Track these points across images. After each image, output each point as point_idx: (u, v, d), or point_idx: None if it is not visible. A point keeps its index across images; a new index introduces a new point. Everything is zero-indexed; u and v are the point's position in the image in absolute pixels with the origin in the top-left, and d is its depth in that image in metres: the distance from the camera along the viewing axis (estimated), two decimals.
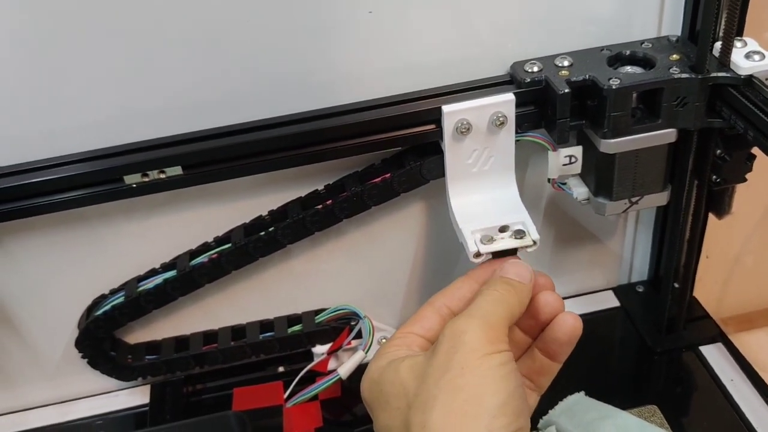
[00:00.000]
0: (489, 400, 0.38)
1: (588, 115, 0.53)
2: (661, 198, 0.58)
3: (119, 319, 0.59)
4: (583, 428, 0.51)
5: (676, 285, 0.64)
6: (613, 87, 0.50)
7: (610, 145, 0.53)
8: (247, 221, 0.59)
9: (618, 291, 0.71)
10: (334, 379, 0.61)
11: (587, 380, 0.64)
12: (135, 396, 0.66)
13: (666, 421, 0.55)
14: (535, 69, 0.53)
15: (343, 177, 0.58)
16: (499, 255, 0.52)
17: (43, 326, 0.62)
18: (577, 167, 0.56)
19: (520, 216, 0.54)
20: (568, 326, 0.45)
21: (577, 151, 0.55)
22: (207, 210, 0.58)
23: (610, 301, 0.71)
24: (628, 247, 0.70)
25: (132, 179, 0.51)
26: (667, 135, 0.54)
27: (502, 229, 0.53)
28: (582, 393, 0.55)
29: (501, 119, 0.52)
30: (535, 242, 0.52)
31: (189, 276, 0.58)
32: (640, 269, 0.71)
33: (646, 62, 0.53)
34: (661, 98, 0.51)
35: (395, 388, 0.42)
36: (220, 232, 0.59)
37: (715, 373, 0.62)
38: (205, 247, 0.59)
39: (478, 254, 0.52)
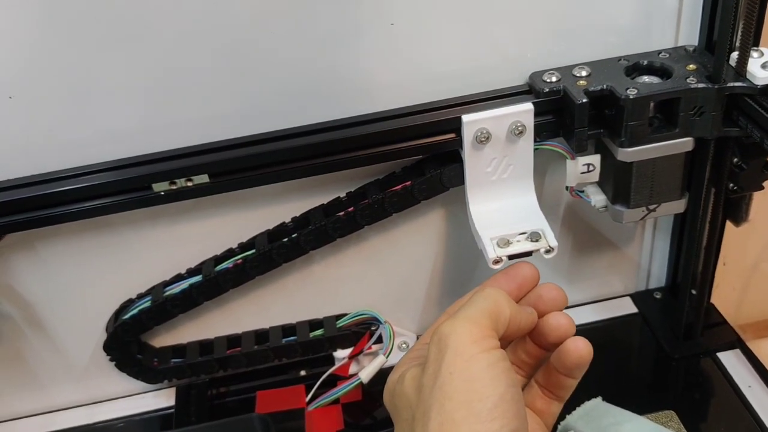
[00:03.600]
0: (478, 405, 0.37)
1: (606, 124, 0.54)
2: (679, 206, 0.58)
3: (146, 323, 0.60)
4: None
5: (694, 292, 0.65)
6: (631, 97, 0.51)
7: (628, 154, 0.54)
8: (271, 227, 0.60)
9: (636, 297, 0.72)
10: (355, 383, 0.63)
11: (605, 386, 0.63)
12: (160, 398, 0.68)
13: (683, 427, 0.56)
14: (554, 79, 0.54)
15: (365, 185, 0.59)
16: (515, 258, 0.53)
17: (72, 330, 0.64)
18: (595, 175, 0.57)
19: (538, 223, 0.55)
20: (574, 355, 0.44)
21: (594, 159, 0.56)
22: (231, 217, 0.60)
23: (627, 307, 0.71)
24: (646, 254, 0.71)
25: (160, 187, 0.53)
26: (684, 144, 0.54)
27: (521, 235, 0.54)
28: (599, 398, 0.56)
29: (520, 128, 0.53)
30: (551, 247, 0.54)
31: (214, 281, 0.59)
32: (657, 276, 0.72)
33: (663, 72, 0.54)
34: (678, 108, 0.52)
35: (402, 401, 0.42)
36: (245, 239, 0.60)
37: (732, 379, 0.62)
38: (229, 253, 0.60)
39: (497, 260, 0.53)
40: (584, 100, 0.52)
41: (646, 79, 0.54)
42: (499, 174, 0.56)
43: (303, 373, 0.69)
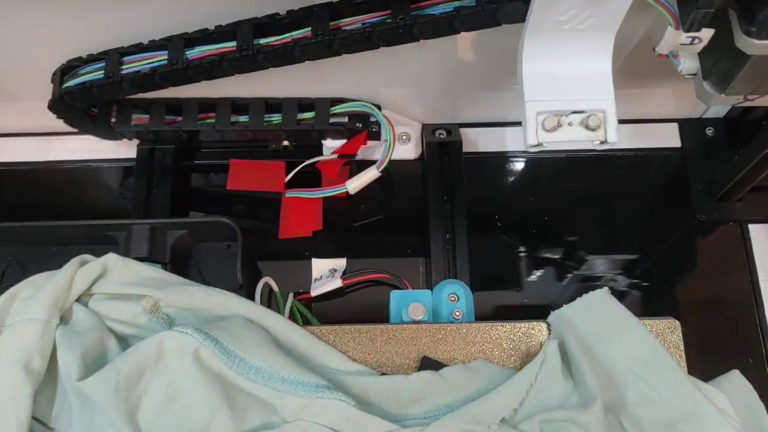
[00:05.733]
0: None
1: None
2: None
3: (97, 95, 0.49)
4: (593, 338, 0.47)
5: (763, 156, 0.54)
6: None
7: (753, 46, 0.39)
8: (260, 16, 0.45)
9: (684, 126, 0.61)
10: (339, 191, 0.55)
11: (610, 225, 0.58)
12: (121, 146, 0.59)
13: (683, 341, 0.51)
14: None
15: None
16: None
17: (13, 68, 0.52)
18: (698, 48, 0.42)
19: (604, 101, 0.43)
20: None
21: (706, 34, 0.41)
22: None
23: (672, 137, 0.61)
24: None
25: None
26: None
27: (576, 114, 0.42)
28: (605, 290, 0.49)
29: None
30: (609, 142, 0.42)
31: (182, 71, 0.47)
32: (716, 107, 0.60)
33: None
34: None
35: None
36: (224, 19, 0.46)
37: (754, 262, 0.56)
38: (204, 36, 0.46)
39: (536, 145, 0.42)
40: None
41: None
42: (573, 24, 0.41)
43: (286, 143, 0.59)
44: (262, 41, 0.45)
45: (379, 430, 0.42)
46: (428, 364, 0.46)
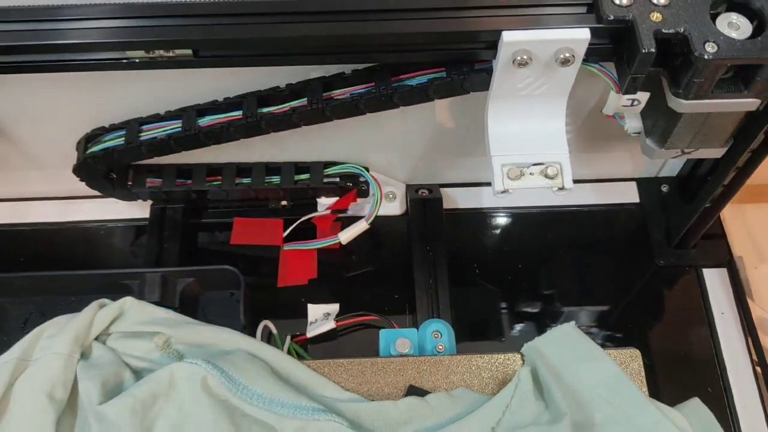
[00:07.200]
0: None
1: (667, 65, 0.45)
2: (718, 152, 0.52)
3: (118, 159, 0.56)
4: (562, 366, 0.52)
5: (709, 205, 0.60)
6: (705, 57, 0.42)
7: (682, 105, 0.46)
8: (263, 89, 0.53)
9: (641, 184, 0.68)
10: (332, 242, 0.61)
11: (582, 279, 0.64)
12: (134, 207, 0.65)
13: (643, 368, 0.56)
14: (625, 2, 0.44)
15: (373, 67, 0.50)
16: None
17: (41, 141, 0.59)
18: (638, 109, 0.50)
19: (559, 155, 0.49)
20: None
21: (643, 97, 0.48)
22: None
23: (630, 194, 0.67)
24: None
25: (134, 54, 0.45)
26: (749, 104, 0.46)
27: (536, 166, 0.49)
28: (572, 324, 0.55)
29: (568, 58, 0.45)
30: (566, 188, 0.49)
31: (194, 136, 0.53)
32: (671, 165, 0.67)
33: (756, 16, 0.44)
34: (757, 74, 0.44)
35: None
36: (231, 92, 0.53)
37: (709, 300, 0.62)
38: (214, 107, 0.53)
39: (503, 191, 0.49)
40: (651, 50, 0.42)
41: (733, 18, 0.44)
42: (530, 90, 0.48)
43: (284, 203, 0.66)
44: (264, 110, 0.52)
45: None
46: (414, 391, 0.51)
